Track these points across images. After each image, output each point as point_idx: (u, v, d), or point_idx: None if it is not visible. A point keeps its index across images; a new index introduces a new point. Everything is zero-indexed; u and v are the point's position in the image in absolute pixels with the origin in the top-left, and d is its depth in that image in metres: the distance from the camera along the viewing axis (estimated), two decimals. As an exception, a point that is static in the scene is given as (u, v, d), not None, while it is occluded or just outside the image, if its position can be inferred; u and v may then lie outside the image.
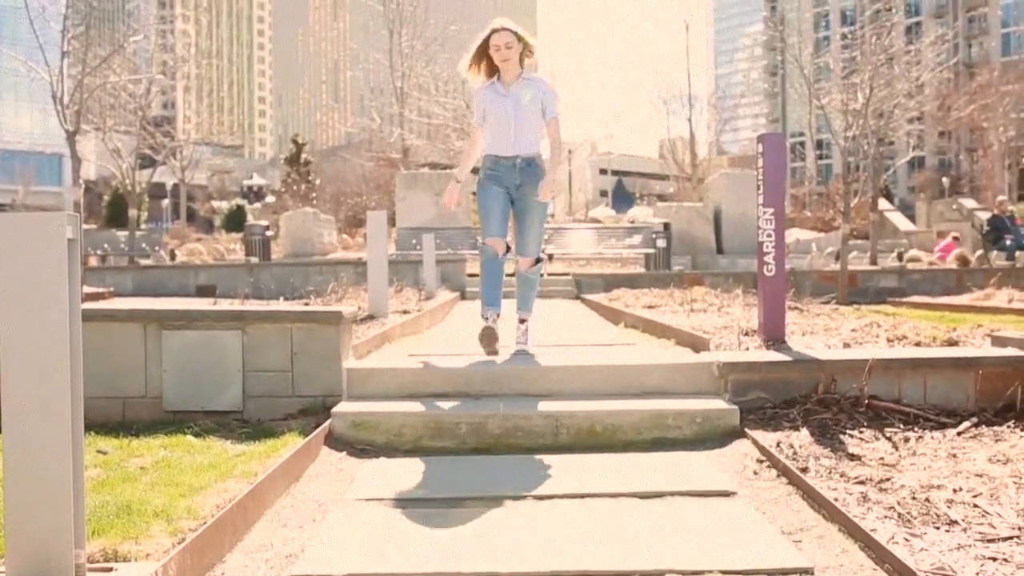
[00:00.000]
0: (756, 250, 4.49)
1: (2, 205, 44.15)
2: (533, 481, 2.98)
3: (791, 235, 23.83)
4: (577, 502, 2.75)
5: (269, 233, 19.21)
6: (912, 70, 21.95)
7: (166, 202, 47.63)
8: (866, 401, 3.69)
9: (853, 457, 3.09)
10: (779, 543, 2.38)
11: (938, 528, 2.38)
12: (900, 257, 19.46)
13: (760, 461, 3.22)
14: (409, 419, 3.55)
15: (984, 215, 19.93)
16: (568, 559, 2.25)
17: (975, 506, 2.52)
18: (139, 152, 23.41)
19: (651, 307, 7.29)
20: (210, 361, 3.88)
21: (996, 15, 69.75)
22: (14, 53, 21.58)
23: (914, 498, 2.60)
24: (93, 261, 20.32)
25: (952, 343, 4.47)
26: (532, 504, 2.75)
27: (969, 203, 26.13)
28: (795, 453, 3.17)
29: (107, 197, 43.77)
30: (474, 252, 12.94)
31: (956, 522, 2.40)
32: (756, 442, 3.37)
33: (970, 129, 51.84)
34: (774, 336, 4.38)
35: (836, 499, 2.63)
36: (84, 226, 22.31)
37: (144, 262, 20.14)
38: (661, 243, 14.96)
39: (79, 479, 1.90)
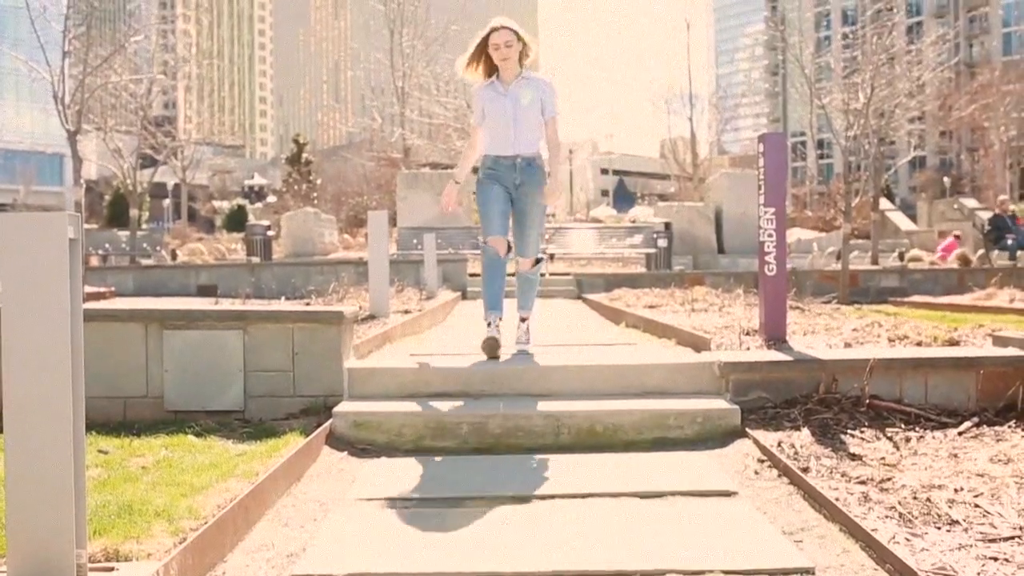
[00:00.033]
0: (757, 250, 4.48)
1: (3, 205, 44.16)
2: (534, 481, 2.98)
3: (792, 235, 23.80)
4: (578, 502, 2.75)
5: (270, 233, 19.20)
6: (913, 70, 21.95)
7: (167, 202, 47.65)
8: (867, 401, 3.69)
9: (854, 457, 3.09)
10: (780, 543, 2.38)
11: (939, 528, 2.38)
12: (901, 257, 19.45)
13: (761, 461, 3.22)
14: (410, 419, 3.56)
15: (985, 215, 19.91)
16: (569, 559, 2.25)
17: (976, 506, 2.52)
18: (140, 152, 23.45)
19: (652, 307, 7.28)
20: (211, 361, 3.88)
21: (997, 15, 69.73)
22: (15, 53, 21.61)
23: (915, 498, 2.60)
24: (94, 261, 20.31)
25: (953, 343, 4.47)
26: (533, 504, 2.75)
27: (970, 203, 26.10)
28: (796, 453, 3.17)
29: (108, 197, 43.76)
30: (475, 252, 12.94)
31: (957, 522, 2.40)
32: (757, 442, 3.37)
33: (971, 129, 51.79)
34: (775, 336, 4.38)
35: (837, 499, 2.63)
36: (85, 226, 22.34)
37: (145, 262, 20.13)
38: (662, 243, 14.95)
39: (80, 479, 1.90)
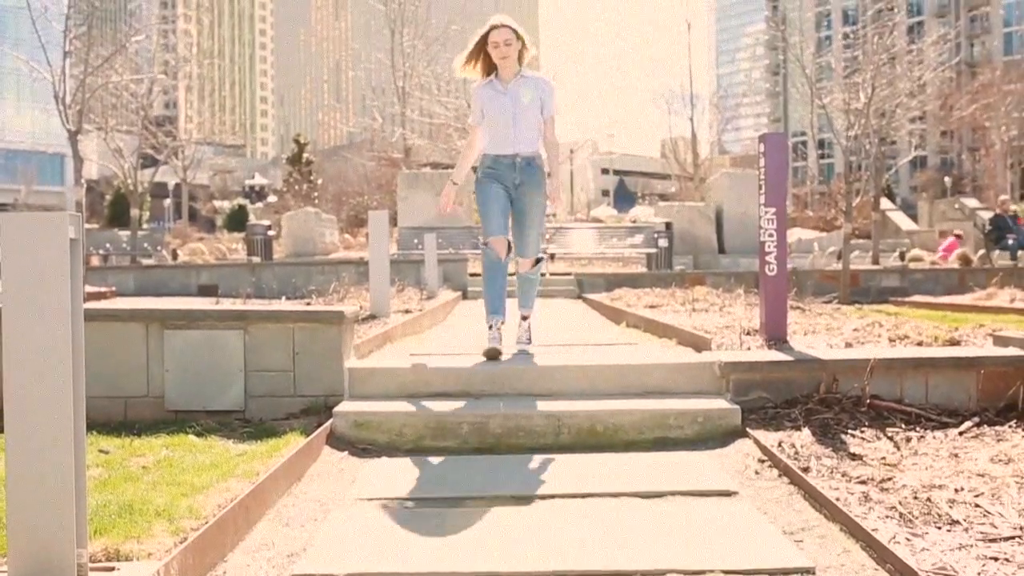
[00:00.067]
0: (758, 250, 4.48)
1: (4, 205, 44.16)
2: (534, 481, 2.98)
3: (793, 234, 23.77)
4: (578, 502, 2.75)
5: (271, 233, 19.19)
6: (914, 69, 21.93)
7: (168, 202, 47.67)
8: (868, 401, 3.69)
9: (855, 457, 3.09)
10: (781, 543, 2.38)
11: (940, 528, 2.38)
12: (902, 257, 19.44)
13: (762, 461, 3.22)
14: (411, 419, 3.56)
15: (986, 214, 19.91)
16: (569, 559, 2.25)
17: (977, 506, 2.52)
18: (141, 152, 23.46)
19: (653, 307, 7.27)
20: (212, 361, 3.88)
21: (998, 14, 69.67)
22: (16, 53, 21.62)
23: (916, 498, 2.60)
24: (95, 261, 20.32)
25: (954, 343, 4.46)
26: (533, 504, 2.75)
27: (971, 202, 26.09)
28: (797, 453, 3.17)
29: (109, 197, 43.77)
30: (476, 252, 12.94)
31: (958, 522, 2.40)
32: (758, 442, 3.37)
33: (972, 128, 51.77)
34: (776, 336, 4.38)
35: (838, 499, 2.63)
36: (86, 226, 22.36)
37: (146, 262, 20.14)
38: (663, 243, 14.94)
39: (81, 478, 1.91)
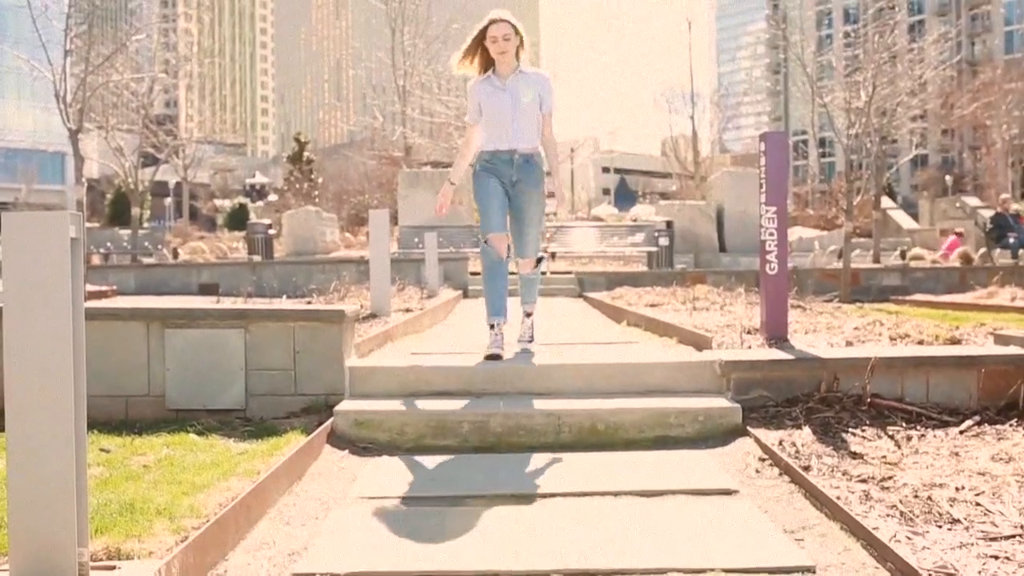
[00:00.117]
0: (759, 248, 4.47)
1: (5, 204, 44.15)
2: (535, 480, 2.99)
3: (794, 233, 23.79)
4: (579, 500, 2.76)
5: (272, 231, 19.20)
6: (915, 68, 21.92)
7: (169, 200, 47.67)
8: (868, 399, 3.69)
9: (855, 455, 3.09)
10: (781, 541, 2.38)
11: (940, 527, 2.38)
12: (903, 255, 19.45)
13: (762, 459, 3.22)
14: (411, 417, 3.56)
15: (987, 213, 19.90)
16: (570, 557, 2.26)
17: (977, 504, 2.52)
18: (142, 150, 23.48)
19: (653, 305, 7.27)
20: (213, 360, 3.88)
21: (999, 13, 69.62)
22: (17, 52, 21.57)
23: (916, 496, 2.60)
24: (96, 259, 20.34)
25: (955, 341, 4.46)
26: (534, 503, 2.75)
27: (972, 201, 26.12)
28: (797, 451, 3.17)
29: (110, 196, 43.79)
30: (476, 250, 12.93)
31: (958, 520, 2.40)
32: (758, 440, 3.37)
33: (973, 127, 51.75)
34: (776, 334, 4.37)
35: (838, 497, 2.63)
36: (87, 224, 22.36)
37: (147, 260, 20.17)
38: (664, 241, 14.95)
39: (82, 477, 1.91)
